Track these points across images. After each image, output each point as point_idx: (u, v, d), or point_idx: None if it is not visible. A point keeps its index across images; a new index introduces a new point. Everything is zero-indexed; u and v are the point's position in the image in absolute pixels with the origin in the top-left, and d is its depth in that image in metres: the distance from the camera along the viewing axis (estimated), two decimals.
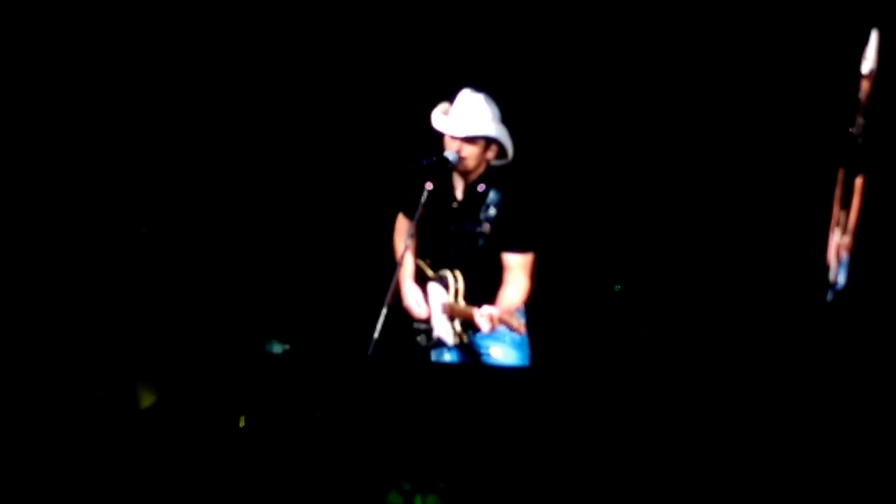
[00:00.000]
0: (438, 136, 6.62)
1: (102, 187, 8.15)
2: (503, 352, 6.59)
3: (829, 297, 6.28)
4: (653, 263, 7.94)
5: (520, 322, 6.36)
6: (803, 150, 7.32)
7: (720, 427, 5.86)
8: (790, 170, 7.49)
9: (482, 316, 6.36)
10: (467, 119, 6.52)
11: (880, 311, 6.12)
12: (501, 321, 6.34)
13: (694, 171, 7.83)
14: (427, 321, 6.69)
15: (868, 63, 6.09)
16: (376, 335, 6.34)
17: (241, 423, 6.21)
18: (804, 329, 6.60)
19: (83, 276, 8.00)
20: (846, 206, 6.20)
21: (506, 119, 6.63)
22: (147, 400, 6.27)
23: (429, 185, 6.53)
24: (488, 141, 6.54)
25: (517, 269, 6.51)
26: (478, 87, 6.66)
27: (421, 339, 6.72)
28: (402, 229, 6.82)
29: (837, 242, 6.25)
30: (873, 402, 5.68)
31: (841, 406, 5.66)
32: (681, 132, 7.86)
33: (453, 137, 6.54)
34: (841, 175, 6.20)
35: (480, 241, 6.53)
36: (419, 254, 6.79)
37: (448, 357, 6.70)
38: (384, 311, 6.36)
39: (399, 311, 6.70)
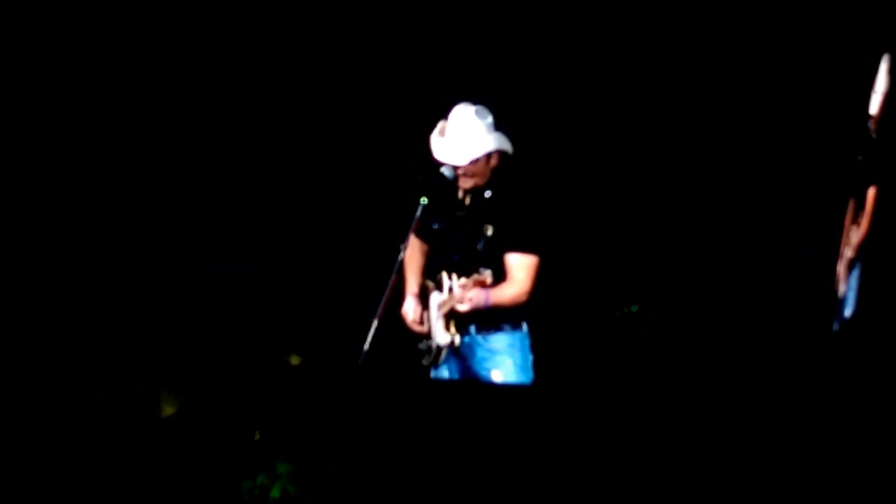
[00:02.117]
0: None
1: (104, 186, 8.14)
2: (503, 375, 6.54)
3: (838, 311, 6.30)
4: (661, 279, 7.92)
5: (484, 276, 6.35)
6: (815, 165, 7.34)
7: (723, 444, 5.82)
8: (800, 184, 7.52)
9: (460, 287, 6.40)
10: (464, 144, 6.50)
11: (889, 326, 6.13)
12: (475, 283, 6.34)
13: (704, 183, 7.85)
14: (428, 337, 6.67)
15: (880, 82, 6.10)
16: (366, 347, 6.38)
17: (256, 437, 6.19)
18: (812, 341, 6.60)
19: (84, 275, 8.00)
20: (857, 221, 6.22)
21: (501, 123, 6.61)
22: (169, 408, 6.28)
23: (423, 200, 6.56)
24: (489, 154, 6.53)
25: (517, 269, 6.45)
26: (471, 97, 6.64)
27: (425, 360, 6.69)
28: (414, 251, 6.84)
29: (849, 258, 6.26)
30: (876, 414, 5.64)
31: (844, 415, 5.63)
32: (691, 149, 7.86)
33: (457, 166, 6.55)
34: (853, 192, 6.21)
35: (481, 244, 6.50)
36: (428, 274, 6.77)
37: (446, 374, 6.64)
38: (375, 323, 6.40)
39: (401, 328, 6.74)
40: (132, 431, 6.07)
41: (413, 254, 6.81)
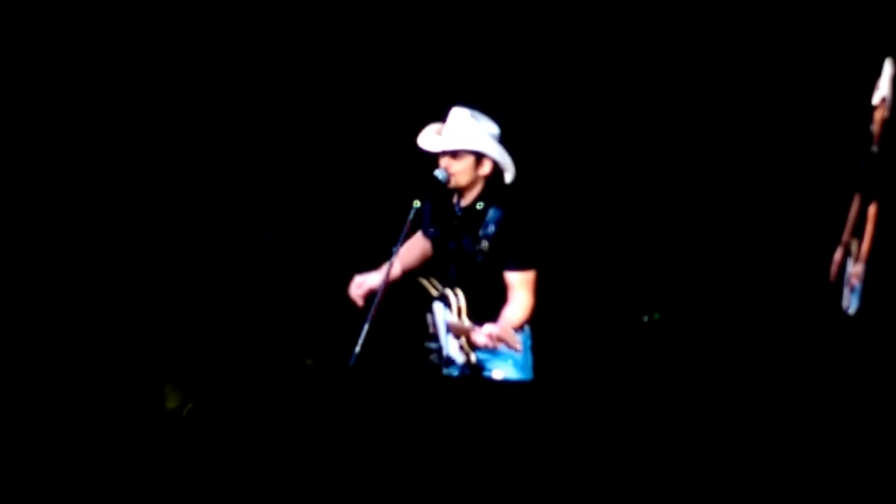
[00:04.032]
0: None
1: (115, 188, 8.22)
2: (504, 374, 6.52)
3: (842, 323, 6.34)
4: (665, 281, 7.95)
5: (516, 340, 6.30)
6: (817, 178, 7.39)
7: (724, 443, 5.82)
8: (803, 196, 7.56)
9: (480, 334, 6.31)
10: (452, 134, 6.42)
11: (892, 338, 6.14)
12: (500, 339, 6.28)
13: (706, 195, 7.89)
14: (436, 340, 6.62)
15: (880, 92, 6.17)
16: (357, 349, 6.30)
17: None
18: (815, 353, 6.63)
19: (95, 277, 8.06)
20: (859, 234, 6.26)
21: (506, 138, 6.54)
22: (173, 401, 6.20)
23: (416, 203, 6.45)
24: (478, 156, 6.42)
25: (519, 287, 6.43)
26: (470, 104, 6.59)
27: (433, 357, 6.66)
28: (414, 244, 6.80)
29: (850, 271, 6.30)
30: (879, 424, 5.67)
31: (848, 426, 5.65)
32: (692, 156, 7.91)
33: (442, 154, 6.46)
34: (855, 203, 6.25)
35: (479, 259, 6.45)
36: (424, 273, 6.73)
37: (454, 374, 6.62)
38: (366, 326, 6.33)
39: (407, 327, 6.71)
40: (136, 427, 6.05)
41: (413, 244, 6.76)
